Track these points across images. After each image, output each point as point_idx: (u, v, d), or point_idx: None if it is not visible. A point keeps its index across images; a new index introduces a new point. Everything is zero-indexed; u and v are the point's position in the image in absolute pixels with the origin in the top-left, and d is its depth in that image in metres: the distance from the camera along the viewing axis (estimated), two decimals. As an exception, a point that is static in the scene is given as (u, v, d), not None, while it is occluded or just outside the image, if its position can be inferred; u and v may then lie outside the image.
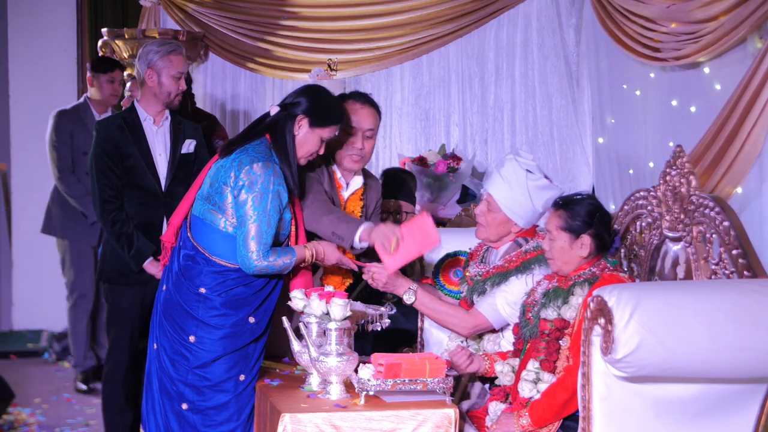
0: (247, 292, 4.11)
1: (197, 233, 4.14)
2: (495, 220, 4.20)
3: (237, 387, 4.12)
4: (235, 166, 4.04)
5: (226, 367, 4.10)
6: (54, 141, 6.91)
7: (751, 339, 3.45)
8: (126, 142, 4.96)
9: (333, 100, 4.24)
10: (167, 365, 4.13)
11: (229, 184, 4.04)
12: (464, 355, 4.09)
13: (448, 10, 7.51)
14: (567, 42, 7.06)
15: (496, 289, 4.15)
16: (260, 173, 4.00)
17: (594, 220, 3.86)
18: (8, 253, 8.68)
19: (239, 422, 4.12)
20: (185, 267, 4.13)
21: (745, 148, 4.75)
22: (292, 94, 4.21)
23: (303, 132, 4.15)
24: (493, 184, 4.20)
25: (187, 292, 4.11)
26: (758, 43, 4.86)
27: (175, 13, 8.32)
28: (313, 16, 8.07)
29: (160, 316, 4.19)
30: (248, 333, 4.12)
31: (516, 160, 4.16)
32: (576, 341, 3.73)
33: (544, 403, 3.74)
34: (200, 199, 4.16)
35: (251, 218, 3.99)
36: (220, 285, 4.08)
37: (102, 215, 4.96)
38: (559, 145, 7.16)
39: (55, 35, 8.79)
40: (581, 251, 3.87)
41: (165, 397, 4.14)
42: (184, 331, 4.10)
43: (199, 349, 4.09)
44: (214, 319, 4.08)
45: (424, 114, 7.88)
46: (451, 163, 6.93)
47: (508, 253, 4.21)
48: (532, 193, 4.12)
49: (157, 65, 4.98)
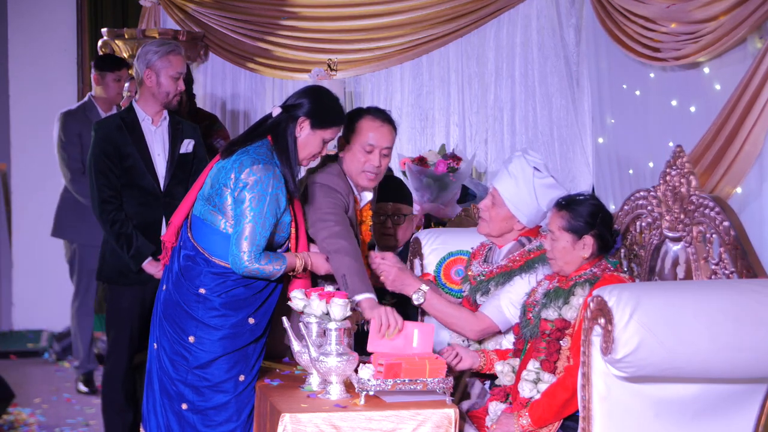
0: (247, 293, 4.11)
1: (198, 234, 4.14)
2: (498, 215, 4.20)
3: (237, 387, 4.12)
4: (236, 167, 4.03)
5: (225, 368, 4.10)
6: (63, 142, 6.86)
7: (751, 339, 3.45)
8: (125, 142, 4.96)
9: (335, 101, 4.23)
10: (167, 365, 4.13)
11: (229, 185, 4.03)
12: (451, 354, 4.09)
13: (447, 10, 7.51)
14: (567, 42, 7.06)
15: (500, 290, 4.15)
16: (260, 175, 3.99)
17: (597, 221, 3.86)
18: (8, 253, 8.69)
19: (239, 422, 4.12)
20: (185, 267, 4.12)
21: (745, 148, 4.76)
22: (294, 95, 4.20)
23: (305, 134, 4.14)
24: (500, 179, 4.20)
25: (187, 292, 4.10)
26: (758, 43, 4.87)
27: (175, 13, 8.33)
28: (313, 16, 8.07)
29: (160, 316, 4.19)
30: (248, 334, 4.12)
31: (524, 158, 4.17)
32: (576, 341, 3.73)
33: (544, 403, 3.74)
34: (201, 199, 4.15)
35: (247, 218, 3.99)
36: (219, 286, 4.08)
37: (101, 215, 4.96)
38: (559, 145, 7.16)
39: (55, 35, 8.79)
40: (583, 252, 3.87)
41: (165, 397, 4.14)
42: (183, 331, 4.10)
43: (199, 350, 4.09)
44: (213, 319, 4.08)
45: (424, 114, 7.89)
46: (451, 163, 6.93)
47: (512, 252, 4.21)
48: (537, 191, 4.12)
49: (155, 65, 4.98)
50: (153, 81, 4.99)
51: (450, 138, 7.70)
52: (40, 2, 8.77)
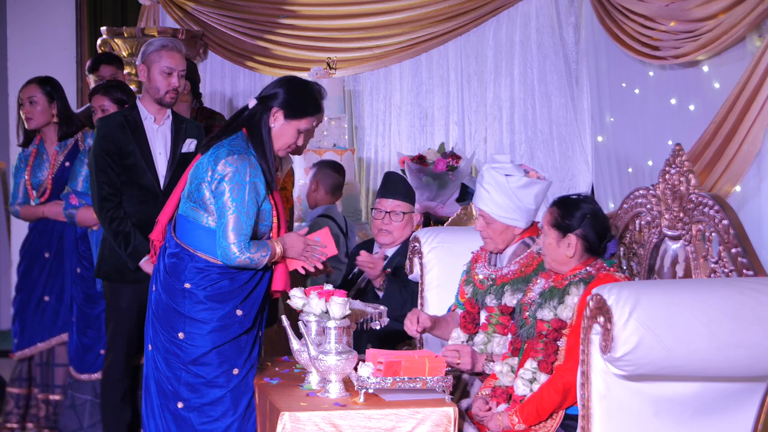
0: (232, 285, 4.12)
1: (181, 231, 4.17)
2: (496, 231, 4.21)
3: (230, 381, 4.12)
4: (212, 161, 4.05)
5: (217, 362, 4.11)
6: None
7: (750, 337, 3.45)
8: (126, 140, 4.96)
9: (310, 91, 4.21)
10: (161, 364, 4.15)
11: (206, 179, 4.06)
12: (452, 354, 4.09)
13: (447, 9, 7.51)
14: (566, 40, 7.07)
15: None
16: (237, 165, 4.01)
17: (583, 222, 3.86)
18: (7, 253, 8.68)
19: (236, 416, 4.12)
20: (170, 265, 4.15)
21: (744, 147, 4.76)
22: (270, 85, 4.20)
23: (279, 124, 4.15)
24: (479, 198, 4.21)
25: (173, 289, 4.12)
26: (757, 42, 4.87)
27: (175, 12, 8.33)
28: (312, 14, 8.08)
29: (151, 317, 4.22)
30: (237, 326, 4.13)
31: (492, 169, 4.17)
32: (570, 340, 3.73)
33: (533, 403, 3.75)
34: (183, 197, 4.19)
35: (230, 209, 4.00)
36: (204, 279, 4.10)
37: (100, 212, 4.96)
38: (559, 144, 7.17)
39: (55, 34, 8.79)
40: (568, 250, 3.88)
41: (162, 397, 4.15)
42: (173, 328, 4.12)
43: (189, 345, 4.10)
44: (201, 313, 4.10)
45: (423, 112, 7.89)
46: (450, 162, 6.93)
47: (517, 254, 4.20)
48: (517, 194, 4.13)
49: (147, 59, 4.96)
50: (145, 75, 4.98)
51: (449, 136, 7.70)
52: (39, 1, 8.77)
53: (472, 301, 4.28)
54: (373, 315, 4.09)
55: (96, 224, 5.54)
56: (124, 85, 5.77)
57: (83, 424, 5.66)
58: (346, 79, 7.92)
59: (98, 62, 6.64)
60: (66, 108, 5.82)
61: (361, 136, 8.17)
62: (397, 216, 5.25)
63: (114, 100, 5.55)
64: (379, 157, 8.09)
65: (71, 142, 5.81)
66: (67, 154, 5.79)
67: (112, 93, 5.58)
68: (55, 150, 5.79)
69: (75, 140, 5.81)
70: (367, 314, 4.09)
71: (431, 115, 7.84)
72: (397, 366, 3.73)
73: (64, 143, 5.79)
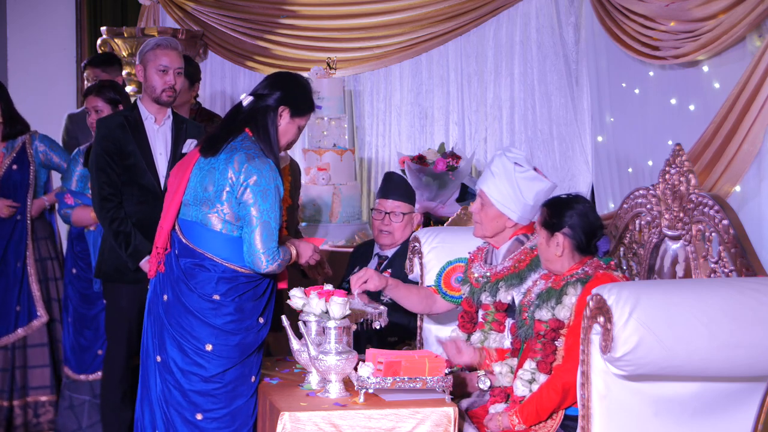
0: (256, 293, 4.07)
1: (198, 240, 4.04)
2: (488, 216, 4.20)
3: (250, 389, 4.08)
4: (232, 167, 3.97)
5: (240, 372, 4.05)
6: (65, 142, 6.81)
7: (750, 337, 3.45)
8: (126, 140, 4.95)
9: (308, 87, 4.21)
10: (179, 377, 4.03)
11: (226, 186, 3.97)
12: (452, 347, 4.09)
13: (447, 9, 7.52)
14: (566, 40, 7.07)
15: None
16: (260, 170, 3.95)
17: (571, 221, 3.87)
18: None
19: (251, 421, 4.10)
20: (191, 274, 4.03)
21: (744, 147, 4.77)
22: (265, 82, 4.16)
23: (285, 122, 4.12)
24: (484, 180, 4.22)
25: (199, 300, 4.01)
26: (757, 42, 4.87)
27: (175, 12, 8.33)
28: (312, 14, 8.08)
29: (162, 326, 4.09)
30: (259, 335, 4.08)
31: (504, 155, 4.18)
32: (568, 340, 3.74)
33: (532, 403, 3.75)
34: (195, 204, 4.05)
35: (259, 217, 3.93)
36: (232, 290, 4.02)
37: (100, 212, 4.96)
38: (559, 144, 7.17)
39: (55, 34, 8.79)
40: (556, 249, 3.88)
41: (173, 409, 4.04)
42: (198, 339, 4.01)
43: (217, 357, 4.01)
44: (229, 325, 4.01)
45: (423, 112, 7.89)
46: (450, 162, 6.93)
47: (511, 251, 4.20)
48: (520, 185, 4.13)
49: (144, 59, 4.96)
50: (142, 75, 4.98)
51: (449, 136, 7.70)
52: (39, 1, 8.77)
53: (469, 300, 4.29)
54: (373, 315, 4.09)
55: (92, 224, 5.54)
56: (117, 86, 5.76)
57: (82, 425, 5.66)
58: (346, 79, 7.92)
59: (90, 64, 6.70)
60: (10, 108, 5.83)
61: (361, 136, 8.18)
62: (398, 216, 5.26)
63: (107, 101, 5.56)
64: (379, 157, 8.09)
65: (18, 145, 5.80)
66: (14, 158, 5.78)
67: (105, 93, 5.59)
68: (1, 152, 5.78)
69: (23, 143, 5.80)
70: (367, 314, 4.09)
71: (431, 115, 7.84)
72: (397, 366, 3.74)
73: (11, 145, 5.78)
